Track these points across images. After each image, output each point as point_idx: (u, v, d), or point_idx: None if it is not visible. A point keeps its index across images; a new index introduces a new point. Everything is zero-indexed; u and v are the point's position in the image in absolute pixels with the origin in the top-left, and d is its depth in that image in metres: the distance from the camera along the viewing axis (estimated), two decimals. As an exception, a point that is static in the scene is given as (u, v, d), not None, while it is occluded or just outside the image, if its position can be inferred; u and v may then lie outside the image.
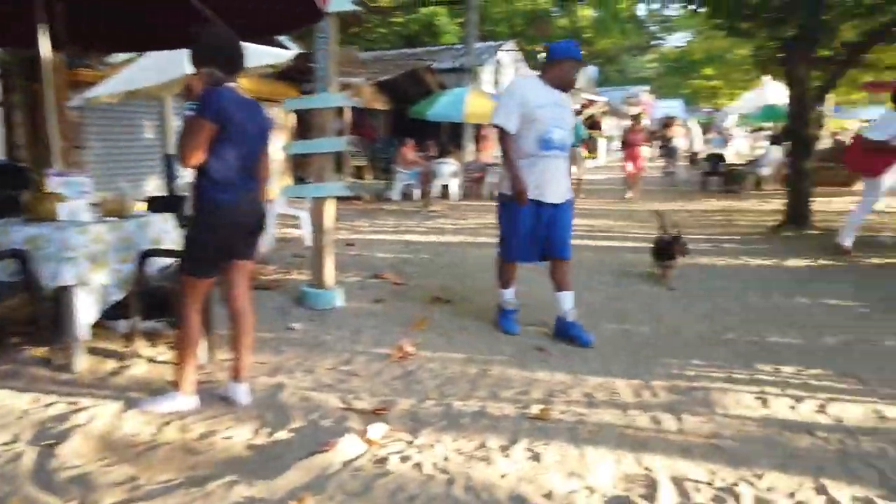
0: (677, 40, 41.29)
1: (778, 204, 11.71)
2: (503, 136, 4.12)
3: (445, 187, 13.42)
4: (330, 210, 4.94)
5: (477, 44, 18.23)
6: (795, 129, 8.27)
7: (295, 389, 3.42)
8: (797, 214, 8.34)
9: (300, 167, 15.48)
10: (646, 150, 15.70)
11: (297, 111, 7.93)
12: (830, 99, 26.23)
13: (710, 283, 5.84)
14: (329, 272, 5.04)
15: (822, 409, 3.19)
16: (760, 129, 32.17)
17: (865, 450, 2.81)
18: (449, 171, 13.16)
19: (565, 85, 4.15)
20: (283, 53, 8.19)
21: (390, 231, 9.05)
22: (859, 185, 14.36)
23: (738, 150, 26.33)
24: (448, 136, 17.01)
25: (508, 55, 18.57)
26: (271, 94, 12.75)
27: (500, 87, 18.25)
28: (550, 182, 4.13)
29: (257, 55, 6.15)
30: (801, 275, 6.13)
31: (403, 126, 16.66)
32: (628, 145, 13.17)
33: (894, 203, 11.07)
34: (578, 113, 25.44)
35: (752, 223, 9.70)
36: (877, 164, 6.67)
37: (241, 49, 3.05)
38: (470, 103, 13.04)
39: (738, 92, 33.66)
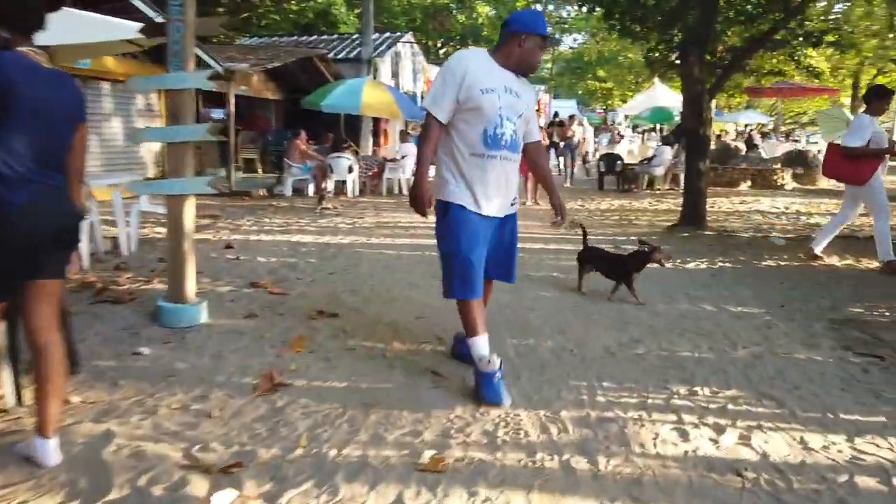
0: (572, 42, 42.23)
1: (671, 203, 11.85)
2: (429, 124, 3.16)
3: (342, 183, 12.69)
4: (189, 210, 4.18)
5: (374, 35, 17.57)
6: (691, 129, 8.21)
7: (126, 440, 2.69)
8: (693, 214, 8.29)
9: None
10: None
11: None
12: (711, 103, 27.55)
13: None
14: (190, 283, 4.28)
15: (745, 442, 2.83)
16: (652, 129, 33.40)
17: (798, 492, 2.45)
18: (345, 167, 12.43)
19: (524, 67, 3.27)
20: (136, 27, 7.18)
21: (278, 231, 8.26)
22: (744, 186, 14.96)
23: (629, 149, 27.13)
24: (346, 130, 16.26)
25: (407, 48, 17.99)
26: (146, 78, 11.52)
27: (399, 79, 17.65)
28: (495, 191, 3.24)
29: (105, 27, 5.23)
30: (703, 278, 5.95)
31: (298, 118, 15.73)
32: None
33: (780, 204, 11.47)
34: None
35: (649, 223, 9.65)
36: (863, 171, 6.14)
37: (38, 3, 2.29)
38: (367, 95, 12.36)
39: (629, 94, 34.80)
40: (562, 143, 15.42)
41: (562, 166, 15.96)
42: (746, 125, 36.50)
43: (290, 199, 12.07)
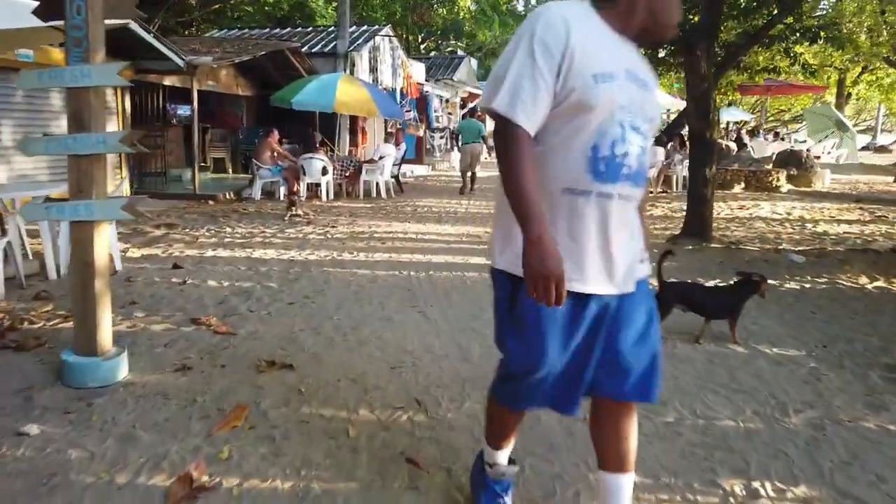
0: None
1: (665, 208, 11.10)
2: (510, 138, 1.73)
3: (316, 186, 11.76)
4: (101, 240, 3.27)
5: (352, 27, 16.61)
6: (696, 131, 7.42)
7: None
8: (698, 225, 7.52)
9: (142, 159, 13.23)
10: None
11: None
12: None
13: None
14: (103, 331, 3.37)
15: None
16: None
17: None
18: (318, 168, 11.50)
19: (658, 30, 1.86)
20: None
21: (238, 244, 7.34)
22: (737, 188, 14.25)
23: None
24: (322, 128, 15.33)
25: (385, 41, 17.05)
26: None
27: (377, 74, 16.72)
28: (610, 251, 1.84)
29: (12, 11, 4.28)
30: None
31: (270, 115, 14.75)
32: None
33: (781, 209, 10.75)
34: (462, 107, 24.41)
35: (646, 232, 8.85)
36: None
37: None
38: (341, 91, 11.43)
39: (613, 90, 34.00)
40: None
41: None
42: (729, 123, 36.11)
43: (258, 203, 11.13)
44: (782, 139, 28.35)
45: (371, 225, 8.96)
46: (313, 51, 15.91)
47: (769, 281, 5.80)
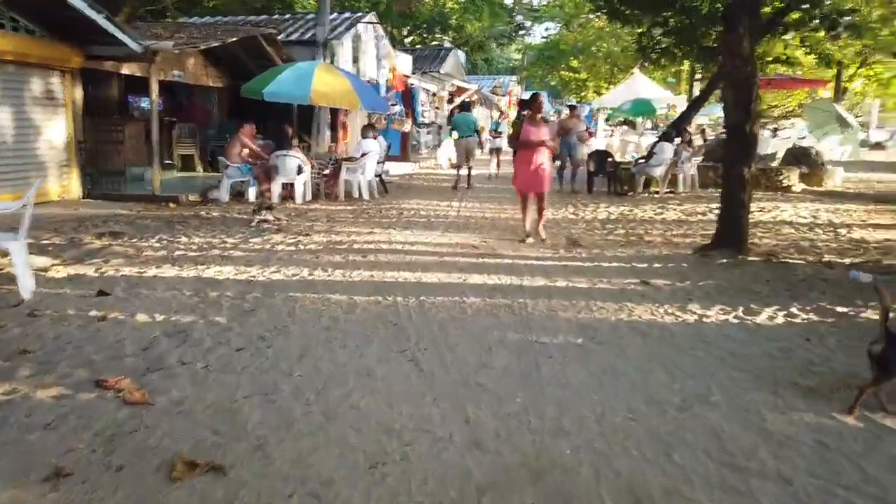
0: (544, 31, 40.37)
1: (678, 212, 10.00)
2: None
3: (291, 186, 10.52)
4: None
5: (332, 14, 15.35)
6: (736, 124, 6.29)
7: None
8: (733, 234, 6.40)
9: (98, 156, 11.89)
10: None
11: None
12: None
13: (650, 370, 3.55)
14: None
15: None
16: (624, 122, 31.75)
17: None
18: (293, 167, 10.26)
19: None
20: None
21: (190, 259, 6.10)
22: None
23: (607, 144, 25.33)
24: (300, 122, 14.10)
25: (369, 29, 15.81)
26: (41, 57, 9.19)
27: (360, 65, 15.47)
28: None
29: None
30: (794, 346, 4.00)
31: (244, 108, 13.47)
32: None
33: (805, 212, 9.64)
34: (450, 101, 23.17)
35: (664, 239, 7.74)
36: None
37: None
38: (319, 81, 10.19)
39: (603, 85, 33.12)
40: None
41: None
42: (719, 118, 35.22)
43: (225, 206, 9.87)
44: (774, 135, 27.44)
45: (351, 233, 7.75)
46: (290, 39, 14.63)
47: (839, 309, 4.69)
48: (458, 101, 22.66)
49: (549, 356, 3.74)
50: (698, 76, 21.79)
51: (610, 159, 12.50)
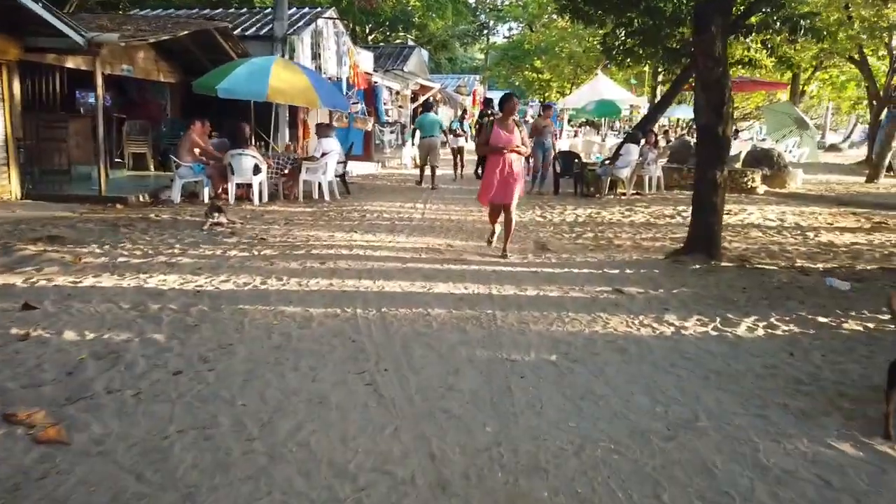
0: (507, 31, 40.27)
1: (646, 214, 9.81)
2: None
3: (248, 187, 10.02)
4: None
5: (291, 9, 14.83)
6: (706, 126, 6.08)
7: None
8: (705, 239, 6.20)
9: (40, 154, 11.20)
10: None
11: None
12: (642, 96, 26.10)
13: (631, 392, 3.27)
14: None
15: None
16: (587, 123, 31.82)
17: None
18: (249, 166, 9.77)
19: None
20: None
21: (133, 266, 5.63)
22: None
23: (572, 145, 25.26)
24: (257, 120, 13.59)
25: (329, 25, 15.33)
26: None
27: (320, 62, 14.99)
28: None
29: None
30: (778, 362, 3.77)
31: (200, 105, 12.90)
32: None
33: (772, 214, 9.53)
34: (413, 99, 22.78)
35: (634, 243, 7.53)
36: None
37: None
38: (276, 77, 9.73)
39: (567, 86, 33.12)
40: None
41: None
42: (679, 120, 35.60)
43: (177, 207, 9.34)
44: (735, 137, 27.76)
45: (309, 237, 7.34)
46: (247, 34, 14.07)
47: (820, 319, 4.49)
48: (421, 99, 22.32)
49: (522, 376, 3.43)
50: (661, 77, 21.86)
51: (577, 160, 12.30)
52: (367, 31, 35.52)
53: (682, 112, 30.81)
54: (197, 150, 9.94)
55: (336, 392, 3.15)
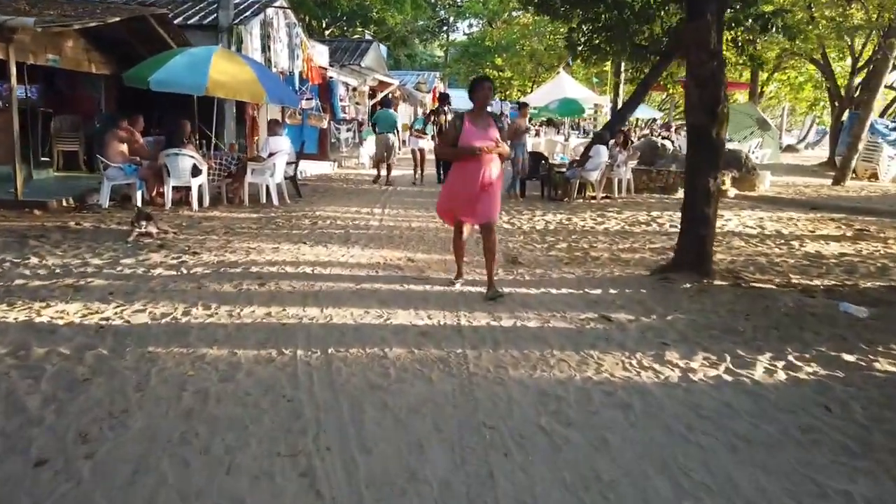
0: (467, 28, 39.50)
1: (619, 220, 9.13)
2: None
3: (187, 190, 9.00)
4: None
5: (238, -3, 13.76)
6: (697, 126, 5.39)
7: None
8: (696, 255, 5.52)
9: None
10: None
11: None
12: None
13: (645, 474, 2.52)
14: None
15: None
16: (547, 122, 31.31)
17: None
18: (187, 167, 8.76)
19: None
20: None
21: (32, 291, 4.64)
22: (681, 193, 12.32)
23: (534, 145, 24.63)
24: (201, 116, 12.54)
25: (280, 15, 14.30)
26: None
27: (270, 54, 13.95)
28: None
29: None
30: (808, 420, 3.07)
31: (138, 99, 11.76)
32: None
33: (750, 221, 8.91)
34: (371, 96, 21.81)
35: (612, 255, 6.83)
36: None
37: None
38: (217, 69, 8.73)
39: (528, 84, 32.57)
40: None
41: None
42: (643, 120, 35.39)
43: (105, 213, 8.28)
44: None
45: (250, 249, 6.42)
46: (189, 23, 12.96)
47: (846, 357, 3.82)
48: (380, 96, 21.36)
49: (505, 453, 2.63)
50: (625, 76, 21.38)
51: (543, 162, 11.60)
52: (324, 25, 34.33)
53: (642, 112, 30.58)
54: (125, 149, 8.89)
55: (255, 491, 2.30)
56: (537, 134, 29.30)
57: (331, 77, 17.04)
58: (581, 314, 4.63)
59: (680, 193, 12.43)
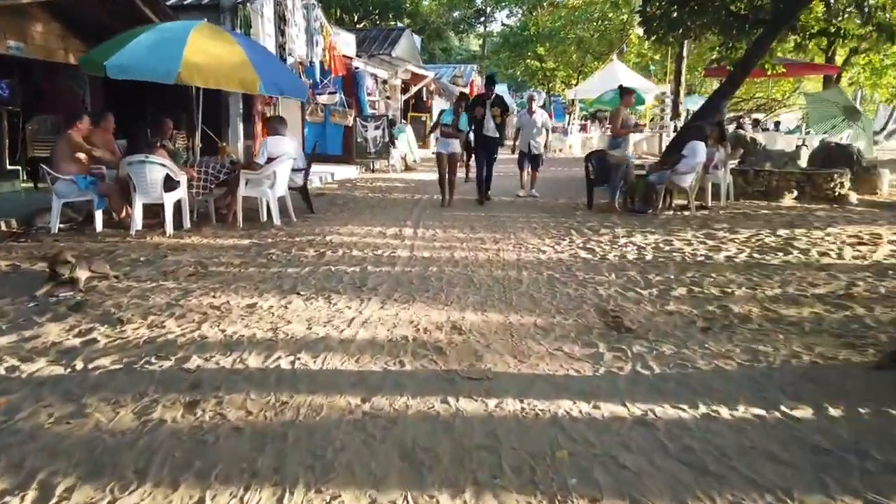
0: (504, 18, 36.87)
1: (742, 246, 6.44)
2: None
3: (160, 209, 6.79)
4: None
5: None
6: None
7: None
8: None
9: None
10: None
11: None
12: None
13: None
14: None
15: None
16: (592, 116, 28.59)
17: None
18: (156, 179, 6.54)
19: None
20: None
21: None
22: (788, 199, 9.65)
23: (569, 143, 22.00)
24: (206, 112, 10.43)
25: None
26: None
27: (286, 40, 11.71)
28: None
29: None
30: None
31: (129, 93, 9.68)
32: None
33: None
34: (404, 90, 19.45)
35: (765, 312, 4.32)
36: None
37: None
38: (193, 49, 6.49)
39: (574, 76, 29.79)
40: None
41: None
42: (689, 112, 32.24)
43: (47, 242, 6.13)
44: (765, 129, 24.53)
45: (210, 311, 4.11)
46: (186, 2, 10.81)
47: None
48: (413, 89, 18.99)
49: None
50: (689, 60, 18.56)
51: (620, 165, 9.07)
52: (356, 19, 32.21)
53: (692, 103, 27.60)
54: (83, 157, 6.72)
55: None
56: (583, 129, 26.62)
57: (356, 68, 14.74)
58: (787, 470, 2.18)
59: (788, 200, 9.78)
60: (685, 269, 5.54)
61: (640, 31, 19.69)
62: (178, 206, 6.95)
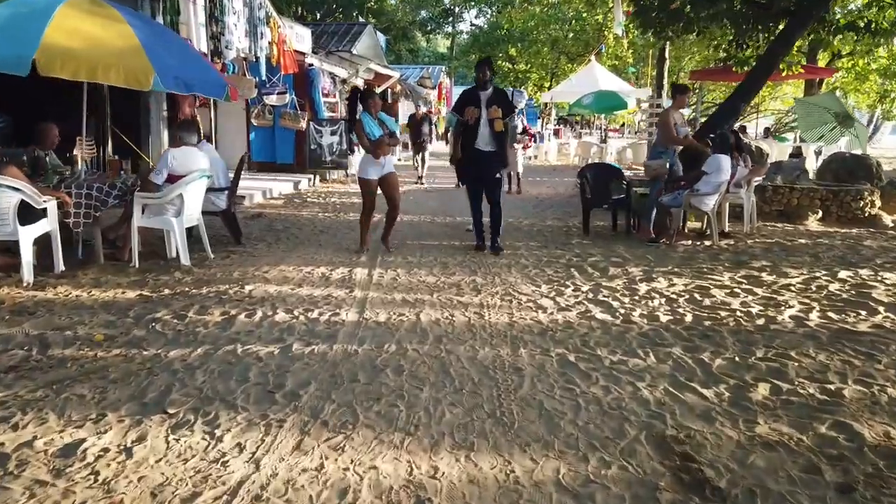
0: (473, 19, 35.27)
1: (795, 292, 4.75)
2: None
3: (15, 246, 4.85)
4: None
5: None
6: None
7: None
8: None
9: None
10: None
11: None
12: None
13: None
14: None
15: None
16: (562, 121, 27.12)
17: None
18: (6, 207, 4.62)
19: None
20: None
21: None
22: (812, 220, 8.01)
23: (560, 147, 20.49)
24: (124, 113, 8.60)
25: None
26: None
27: (222, 29, 9.82)
28: None
29: None
30: None
31: (41, 91, 7.64)
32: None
33: None
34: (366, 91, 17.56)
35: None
36: None
37: None
38: (58, 27, 4.61)
39: (547, 79, 28.24)
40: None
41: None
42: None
43: None
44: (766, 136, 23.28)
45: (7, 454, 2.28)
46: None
47: None
48: (378, 90, 17.13)
49: None
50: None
51: (620, 181, 7.41)
52: (318, 17, 30.26)
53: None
54: None
55: None
56: (556, 134, 25.05)
57: (310, 65, 12.87)
58: None
59: (813, 222, 8.26)
60: (748, 342, 3.86)
61: (618, 31, 18.24)
62: (47, 241, 5.06)
